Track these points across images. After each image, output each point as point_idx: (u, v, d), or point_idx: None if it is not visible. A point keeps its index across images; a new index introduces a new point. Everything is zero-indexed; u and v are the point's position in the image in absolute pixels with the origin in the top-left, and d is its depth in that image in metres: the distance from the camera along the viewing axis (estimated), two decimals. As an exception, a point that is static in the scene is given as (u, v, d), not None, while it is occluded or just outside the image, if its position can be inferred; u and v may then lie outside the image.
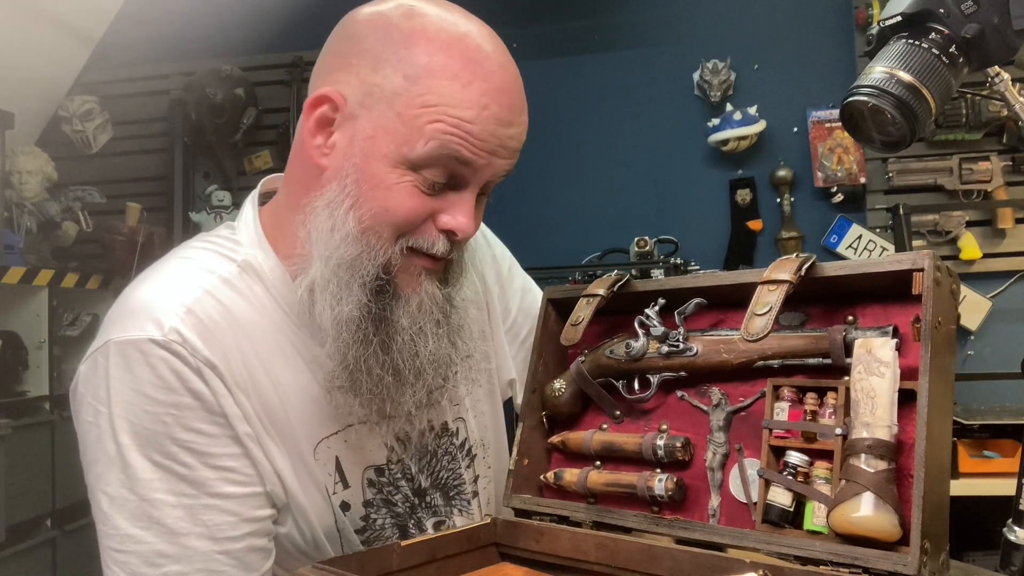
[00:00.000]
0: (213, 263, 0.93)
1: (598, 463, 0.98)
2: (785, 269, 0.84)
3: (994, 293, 2.94)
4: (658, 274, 2.82)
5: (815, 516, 0.79)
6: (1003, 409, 2.68)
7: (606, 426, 1.01)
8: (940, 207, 2.92)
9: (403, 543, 0.89)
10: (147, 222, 3.43)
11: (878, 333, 0.80)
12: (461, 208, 0.90)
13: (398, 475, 1.01)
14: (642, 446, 0.93)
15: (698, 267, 3.00)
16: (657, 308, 0.95)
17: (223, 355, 0.87)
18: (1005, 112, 2.74)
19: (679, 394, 0.94)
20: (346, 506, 0.97)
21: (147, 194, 3.54)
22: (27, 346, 2.92)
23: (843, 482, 0.75)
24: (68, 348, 3.07)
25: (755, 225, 3.19)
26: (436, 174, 0.87)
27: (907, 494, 0.73)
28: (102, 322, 0.91)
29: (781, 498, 0.81)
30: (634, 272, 2.71)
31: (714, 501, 0.88)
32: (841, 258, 2.96)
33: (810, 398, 0.82)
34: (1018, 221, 2.90)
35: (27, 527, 2.77)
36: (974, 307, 2.90)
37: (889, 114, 0.85)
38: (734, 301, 0.92)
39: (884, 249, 2.97)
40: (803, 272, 0.83)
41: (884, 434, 0.74)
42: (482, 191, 0.93)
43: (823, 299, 0.87)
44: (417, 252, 0.91)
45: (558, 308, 1.07)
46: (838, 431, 0.78)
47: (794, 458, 0.81)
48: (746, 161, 3.21)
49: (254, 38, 3.43)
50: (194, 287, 0.89)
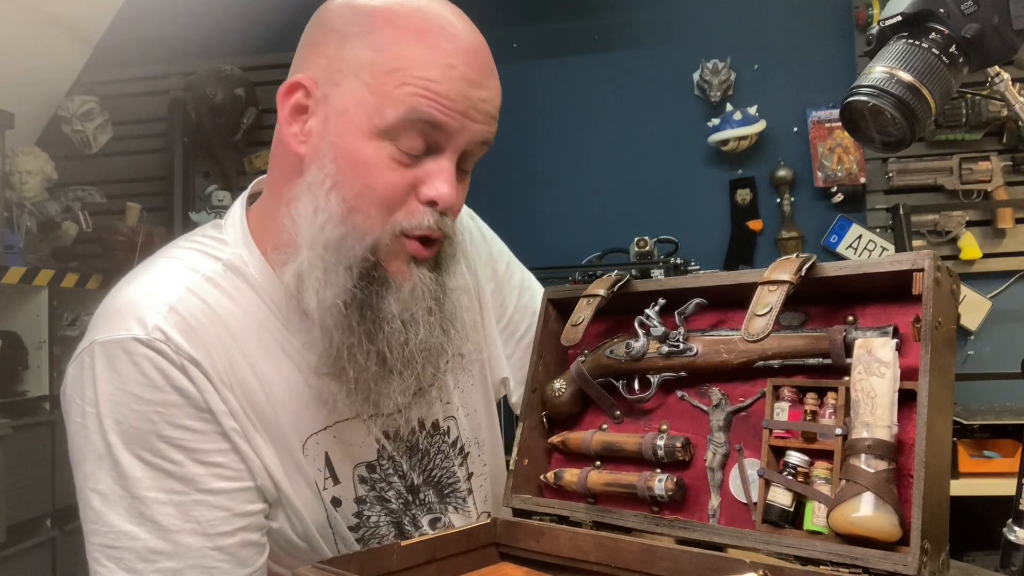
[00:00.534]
0: (198, 262, 0.93)
1: (598, 463, 0.98)
2: (785, 269, 0.84)
3: (994, 293, 2.94)
4: (658, 274, 2.82)
5: (815, 516, 0.79)
6: (1003, 409, 2.68)
7: (606, 426, 1.01)
8: (940, 207, 2.92)
9: (403, 543, 0.89)
10: (147, 222, 3.43)
11: (878, 333, 0.80)
12: (441, 176, 0.88)
13: (390, 471, 1.01)
14: (642, 446, 0.93)
15: (698, 267, 2.99)
16: (657, 308, 0.95)
17: (207, 352, 0.87)
18: (1005, 112, 2.75)
19: (679, 394, 0.94)
20: (337, 502, 0.97)
21: (147, 194, 3.53)
22: (27, 346, 2.91)
23: (843, 482, 0.75)
24: (68, 348, 3.05)
25: (755, 225, 3.19)
26: (411, 141, 0.86)
27: (907, 494, 0.73)
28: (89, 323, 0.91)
29: (781, 498, 0.81)
30: (634, 272, 2.70)
31: (714, 501, 0.88)
32: (841, 258, 2.96)
33: (810, 398, 0.82)
34: (1018, 221, 2.90)
35: (27, 527, 2.76)
36: (974, 307, 2.90)
37: (889, 114, 0.85)
38: (734, 301, 0.92)
39: (884, 249, 2.97)
40: (803, 272, 0.83)
41: (884, 434, 0.74)
42: (462, 166, 0.92)
43: (823, 299, 0.87)
44: (407, 236, 0.89)
45: (558, 308, 1.07)
46: (838, 431, 0.78)
47: (794, 458, 0.81)
48: (746, 161, 3.21)
49: (254, 38, 3.42)
50: (178, 286, 0.89)
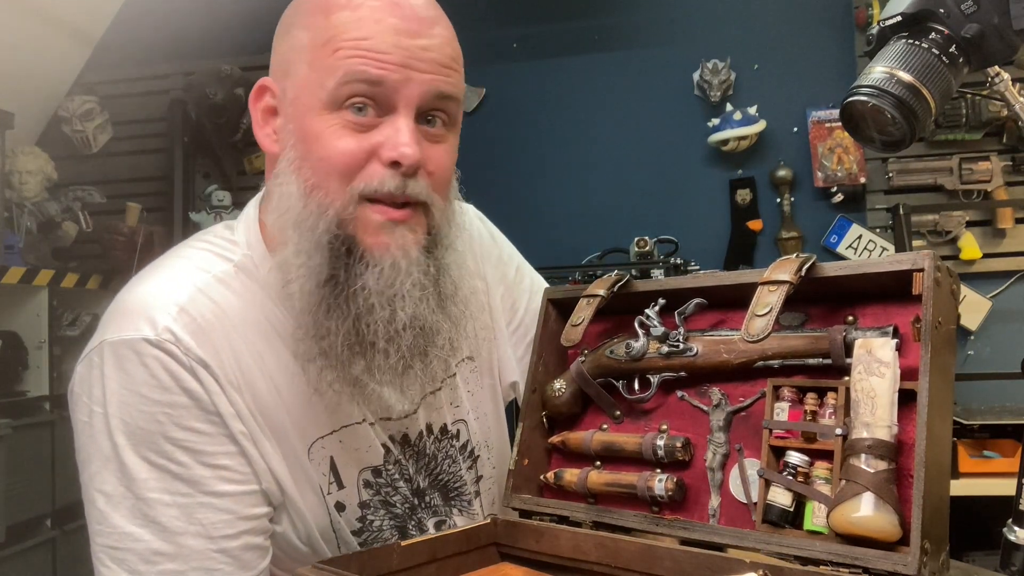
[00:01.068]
0: (209, 262, 0.93)
1: (598, 463, 0.98)
2: (785, 269, 0.84)
3: (994, 293, 2.94)
4: (658, 274, 2.82)
5: (815, 516, 0.79)
6: (1003, 409, 2.68)
7: (606, 426, 1.01)
8: (940, 207, 2.92)
9: (403, 543, 0.89)
10: (147, 222, 3.43)
11: (878, 333, 0.80)
12: (397, 135, 0.86)
13: (396, 476, 1.01)
14: (642, 446, 0.93)
15: (698, 267, 2.99)
16: (657, 308, 0.95)
17: (216, 354, 0.87)
18: (1005, 112, 2.74)
19: (679, 394, 0.94)
20: (341, 507, 0.97)
21: (147, 194, 3.54)
22: (27, 346, 2.91)
23: (843, 482, 0.75)
24: (68, 348, 3.06)
25: (755, 225, 3.19)
26: (358, 105, 0.86)
27: (907, 494, 0.73)
28: (99, 322, 0.91)
29: (781, 498, 0.81)
30: (634, 272, 2.70)
31: (714, 501, 0.88)
32: (841, 258, 2.96)
33: (810, 398, 0.82)
34: (1018, 221, 2.90)
35: (27, 527, 2.76)
36: (974, 307, 2.91)
37: (889, 114, 0.85)
38: (734, 301, 0.92)
39: (884, 249, 2.97)
40: (803, 272, 0.83)
41: (884, 434, 0.74)
42: (430, 126, 0.90)
43: (823, 299, 0.87)
44: (371, 200, 0.87)
45: (558, 308, 1.07)
46: (838, 431, 0.78)
47: (794, 458, 0.81)
48: (746, 161, 3.21)
49: (254, 38, 3.42)
50: (188, 286, 0.89)
